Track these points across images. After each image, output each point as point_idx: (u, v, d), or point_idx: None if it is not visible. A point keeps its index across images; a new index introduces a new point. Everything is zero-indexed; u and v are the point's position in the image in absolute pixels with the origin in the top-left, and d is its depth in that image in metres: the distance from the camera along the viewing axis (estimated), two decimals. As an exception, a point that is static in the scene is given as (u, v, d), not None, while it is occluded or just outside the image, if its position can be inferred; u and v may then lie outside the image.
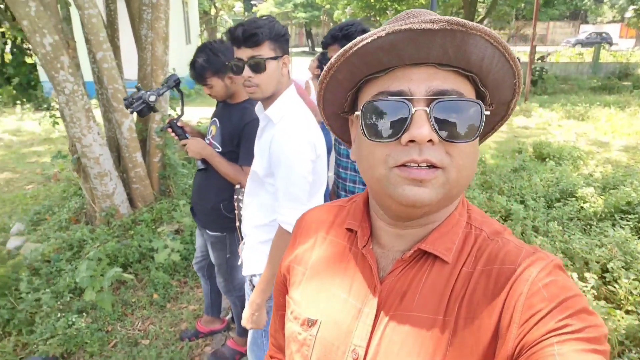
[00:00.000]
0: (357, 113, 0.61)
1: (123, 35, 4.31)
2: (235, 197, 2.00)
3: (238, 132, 2.05)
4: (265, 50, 1.47)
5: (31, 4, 2.92)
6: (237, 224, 2.04)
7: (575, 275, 2.66)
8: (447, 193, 0.57)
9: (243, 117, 2.05)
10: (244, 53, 1.47)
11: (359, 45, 0.56)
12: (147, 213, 3.77)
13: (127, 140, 3.73)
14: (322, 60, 3.27)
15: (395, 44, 0.54)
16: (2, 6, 4.57)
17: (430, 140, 0.54)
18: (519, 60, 0.60)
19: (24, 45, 9.61)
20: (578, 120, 8.64)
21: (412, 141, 0.55)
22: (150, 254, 3.33)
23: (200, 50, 2.06)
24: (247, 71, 1.47)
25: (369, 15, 17.83)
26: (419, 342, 0.58)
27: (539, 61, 15.97)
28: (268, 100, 1.55)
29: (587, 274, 2.66)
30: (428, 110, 0.55)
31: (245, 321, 1.54)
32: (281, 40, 1.50)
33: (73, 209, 4.07)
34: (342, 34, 2.11)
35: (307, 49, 31.40)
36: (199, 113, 8.34)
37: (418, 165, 0.55)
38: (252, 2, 33.72)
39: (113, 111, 3.67)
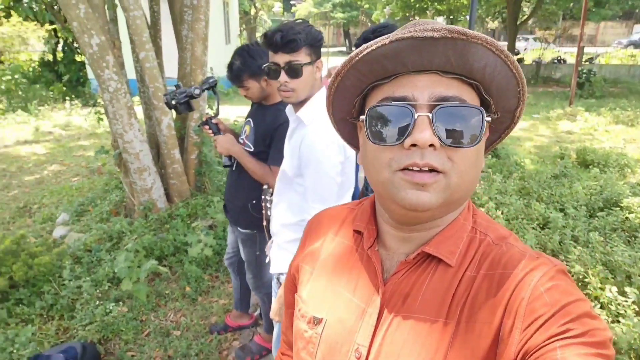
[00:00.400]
0: (363, 117, 0.63)
1: (165, 34, 4.47)
2: (263, 197, 2.04)
3: (270, 133, 2.09)
4: (302, 56, 1.49)
5: (81, 6, 3.07)
6: (265, 223, 2.08)
7: (614, 289, 2.54)
8: (448, 197, 0.59)
9: (277, 118, 2.09)
10: (281, 58, 1.49)
11: (364, 52, 0.58)
12: (183, 208, 3.89)
13: (166, 137, 3.86)
14: None
15: (398, 51, 0.56)
16: (55, 7, 4.82)
17: (432, 145, 0.56)
18: (520, 61, 0.61)
19: (74, 44, 10.11)
20: (627, 125, 8.21)
21: (414, 145, 0.57)
22: (184, 248, 3.44)
23: (237, 53, 2.11)
24: (283, 76, 1.49)
25: (408, 15, 17.60)
26: (420, 343, 0.60)
27: (587, 63, 15.29)
28: (300, 103, 1.57)
29: (627, 289, 2.53)
30: (430, 115, 0.57)
31: (273, 314, 1.57)
32: (316, 46, 1.52)
33: (114, 201, 4.25)
34: (374, 36, 2.10)
35: (344, 48, 31.38)
36: (236, 112, 8.49)
37: (420, 169, 0.57)
38: (292, 2, 34.02)
39: (153, 109, 3.80)
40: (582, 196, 4.35)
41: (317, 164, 1.49)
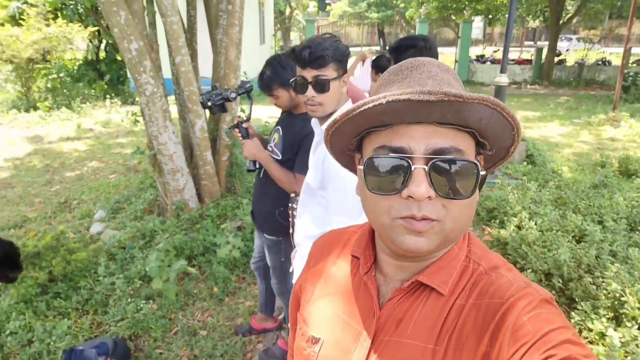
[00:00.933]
0: (360, 167, 0.66)
1: (201, 37, 4.58)
2: (290, 205, 2.06)
3: (298, 141, 2.11)
4: (329, 71, 1.50)
5: (121, 13, 3.19)
6: (291, 231, 2.10)
7: (654, 311, 2.42)
8: (443, 239, 0.62)
9: (305, 127, 2.10)
10: (308, 73, 1.50)
11: (362, 109, 0.60)
12: (213, 209, 3.98)
13: (199, 139, 3.95)
14: (378, 63, 3.26)
15: (395, 109, 0.59)
16: (98, 11, 5.02)
17: (429, 197, 0.59)
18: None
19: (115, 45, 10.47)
20: (677, 133, 7.78)
21: (411, 196, 0.59)
22: (213, 249, 3.51)
23: (268, 62, 2.15)
24: (310, 91, 1.51)
25: (445, 15, 17.27)
26: None
27: (634, 65, 14.57)
28: (326, 116, 1.58)
29: (668, 311, 2.41)
30: (426, 168, 0.59)
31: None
32: (343, 61, 1.53)
33: (148, 200, 4.39)
34: (411, 43, 2.08)
35: (378, 47, 31.16)
36: (268, 112, 8.60)
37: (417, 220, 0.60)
38: (327, 2, 34.04)
39: (188, 112, 3.91)
40: (622, 208, 4.15)
41: (340, 179, 1.49)
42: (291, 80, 1.60)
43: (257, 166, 2.24)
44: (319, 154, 1.59)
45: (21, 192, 5.24)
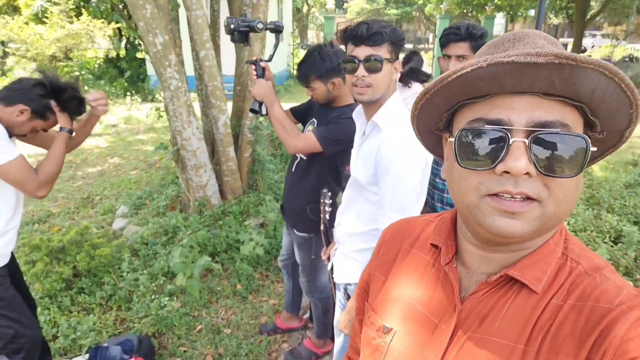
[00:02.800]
0: (451, 140, 0.59)
1: (224, 34, 4.52)
2: (322, 200, 1.98)
3: (332, 120, 2.03)
4: (384, 51, 1.41)
5: (147, 6, 3.15)
6: (322, 227, 2.02)
7: None
8: (542, 226, 0.55)
9: (341, 114, 2.03)
10: (361, 51, 1.41)
11: (458, 74, 0.54)
12: (236, 205, 3.93)
13: (222, 135, 3.90)
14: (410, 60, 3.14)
15: (495, 75, 0.52)
16: (121, 6, 5.02)
17: (527, 173, 0.52)
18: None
19: (136, 42, 10.57)
20: None
21: (507, 172, 0.53)
22: (236, 245, 3.46)
23: (309, 52, 2.08)
24: (361, 70, 1.41)
25: (465, 11, 16.99)
26: None
27: (663, 61, 14.11)
28: (373, 106, 1.49)
29: None
30: (527, 142, 0.52)
31: (342, 326, 1.51)
32: (398, 45, 1.44)
33: (170, 196, 4.37)
34: (465, 33, 1.98)
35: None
36: (285, 107, 8.48)
37: (512, 197, 0.53)
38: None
39: (211, 107, 3.86)
40: (661, 209, 3.97)
41: (397, 173, 1.40)
42: (341, 61, 1.51)
43: (262, 110, 2.12)
44: (370, 147, 1.49)
45: (45, 187, 5.28)
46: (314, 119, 2.18)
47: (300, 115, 2.39)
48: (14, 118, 1.78)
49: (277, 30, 2.19)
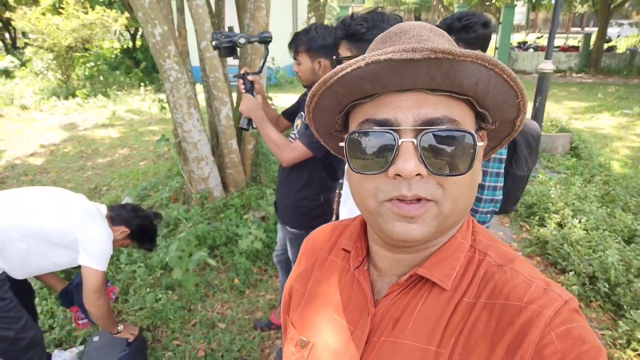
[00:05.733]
0: (341, 145, 0.58)
1: (229, 23, 4.46)
2: (337, 191, 1.93)
3: None
4: None
5: (145, -4, 3.11)
6: (334, 218, 1.96)
7: None
8: (441, 225, 0.55)
9: None
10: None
11: (339, 75, 0.53)
12: (238, 198, 3.90)
13: (224, 127, 3.86)
14: None
15: (375, 74, 0.51)
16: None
17: (419, 174, 0.51)
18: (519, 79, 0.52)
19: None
20: None
21: (399, 175, 0.52)
22: (236, 239, 3.44)
23: (308, 26, 2.04)
24: None
25: (484, 0, 16.54)
26: None
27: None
28: None
29: None
30: (415, 141, 0.51)
31: None
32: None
33: (174, 188, 4.37)
34: (461, 25, 1.88)
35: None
36: (292, 99, 8.44)
37: (408, 201, 0.52)
38: (362, -12, 33.33)
39: (213, 99, 3.82)
40: (679, 208, 3.79)
41: None
42: (335, 58, 1.45)
43: (251, 126, 2.07)
44: None
45: (55, 177, 5.36)
46: (301, 112, 2.12)
47: (292, 116, 2.34)
48: (116, 236, 2.06)
49: (265, 41, 2.13)
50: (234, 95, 4.23)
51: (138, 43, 13.24)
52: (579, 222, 3.61)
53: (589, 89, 11.46)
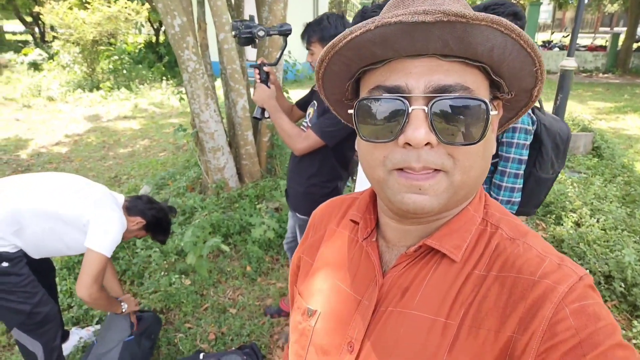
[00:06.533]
0: (350, 112, 0.57)
1: (247, 16, 4.52)
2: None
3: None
4: None
5: (165, -13, 3.19)
6: None
7: None
8: (451, 197, 0.54)
9: None
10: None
11: (348, 39, 0.52)
12: (252, 189, 3.96)
13: (240, 119, 3.92)
14: None
15: (386, 37, 0.49)
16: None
17: (429, 143, 0.50)
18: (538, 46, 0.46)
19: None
20: None
21: (409, 144, 0.50)
22: (249, 228, 3.49)
23: (320, 16, 2.05)
24: None
25: (509, -3, 16.22)
26: (415, 342, 0.55)
27: None
28: None
29: None
30: (426, 109, 0.49)
31: None
32: None
33: (191, 178, 4.46)
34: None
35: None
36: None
37: (417, 171, 0.51)
38: (385, -14, 33.07)
39: (230, 90, 3.88)
40: (703, 210, 3.67)
41: None
42: None
43: (265, 116, 2.09)
44: None
45: (78, 165, 5.52)
46: (314, 101, 2.15)
47: (305, 106, 2.36)
48: (130, 226, 2.11)
49: (284, 34, 2.16)
50: (252, 90, 4.27)
51: (161, 38, 13.47)
52: (597, 221, 3.55)
53: (616, 89, 11.15)
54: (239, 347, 2.42)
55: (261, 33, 2.12)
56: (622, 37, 14.59)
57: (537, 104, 1.75)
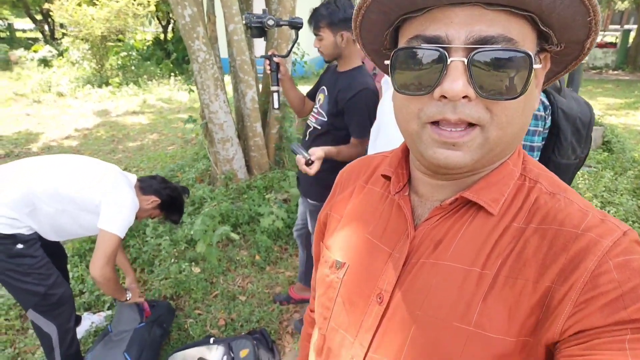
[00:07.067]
0: (386, 62, 0.55)
1: (257, 9, 4.53)
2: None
3: (344, 103, 1.99)
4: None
5: (176, -23, 3.20)
6: None
7: None
8: (487, 154, 0.52)
9: (351, 85, 1.97)
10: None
11: None
12: (261, 180, 3.97)
13: (250, 110, 3.93)
14: None
15: None
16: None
17: (466, 96, 0.48)
18: None
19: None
20: None
21: (445, 96, 0.48)
22: (258, 218, 3.50)
23: (327, 0, 2.02)
24: None
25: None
26: (448, 292, 0.54)
27: None
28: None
29: None
30: (466, 61, 0.47)
31: None
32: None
33: (200, 170, 4.48)
34: None
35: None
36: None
37: (452, 125, 0.50)
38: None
39: (239, 82, 3.89)
40: None
41: (392, 126, 1.37)
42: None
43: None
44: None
45: (88, 158, 5.56)
46: (323, 87, 2.15)
47: (315, 95, 2.37)
48: (145, 205, 2.14)
49: (294, 26, 2.16)
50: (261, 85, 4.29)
51: (169, 35, 13.53)
52: (608, 213, 3.52)
53: (626, 86, 11.05)
54: (249, 333, 2.44)
55: (270, 22, 2.13)
56: (632, 34, 14.44)
57: (557, 84, 1.71)
